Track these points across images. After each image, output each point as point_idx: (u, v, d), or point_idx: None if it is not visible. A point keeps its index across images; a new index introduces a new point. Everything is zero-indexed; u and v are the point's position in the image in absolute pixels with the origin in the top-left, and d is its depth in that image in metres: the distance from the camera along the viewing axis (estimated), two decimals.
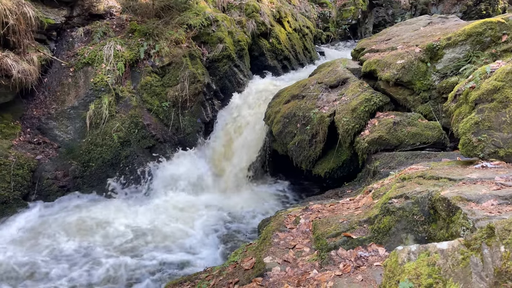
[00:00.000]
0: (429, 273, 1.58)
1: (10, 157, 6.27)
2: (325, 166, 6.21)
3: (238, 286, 3.21)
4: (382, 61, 6.10)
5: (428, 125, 5.39)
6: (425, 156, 5.06)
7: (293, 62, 10.33)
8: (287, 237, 3.66)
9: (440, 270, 1.55)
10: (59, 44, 7.70)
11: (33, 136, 6.88)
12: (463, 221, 2.44)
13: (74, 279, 4.89)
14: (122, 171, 7.14)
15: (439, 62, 5.60)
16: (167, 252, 5.43)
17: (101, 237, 5.78)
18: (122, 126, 7.16)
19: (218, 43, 8.37)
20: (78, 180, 6.97)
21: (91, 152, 7.01)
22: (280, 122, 6.71)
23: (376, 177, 5.03)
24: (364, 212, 3.47)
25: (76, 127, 7.10)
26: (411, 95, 5.79)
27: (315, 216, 3.92)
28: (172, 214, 6.44)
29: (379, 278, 2.68)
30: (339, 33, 14.06)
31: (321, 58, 11.60)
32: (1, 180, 6.12)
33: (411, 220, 2.96)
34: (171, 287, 3.97)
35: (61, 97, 7.22)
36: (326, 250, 3.17)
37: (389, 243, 3.01)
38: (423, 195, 2.96)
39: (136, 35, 7.86)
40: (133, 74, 7.66)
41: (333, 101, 6.20)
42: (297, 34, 11.10)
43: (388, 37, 7.10)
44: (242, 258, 3.81)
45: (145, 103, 7.58)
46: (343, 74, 6.66)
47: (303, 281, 2.93)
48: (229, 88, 8.57)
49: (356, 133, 5.74)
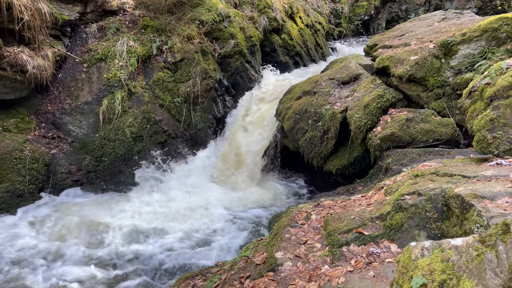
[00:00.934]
0: (443, 269, 1.57)
1: (25, 151, 6.38)
2: (337, 162, 6.19)
3: (250, 280, 3.23)
4: (395, 57, 6.05)
5: (442, 122, 5.34)
6: (438, 153, 5.02)
7: (305, 58, 10.30)
8: (299, 233, 3.66)
9: (454, 266, 1.54)
10: (73, 40, 7.79)
11: (47, 130, 6.99)
12: (477, 219, 2.41)
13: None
14: (134, 165, 7.22)
15: (454, 58, 5.53)
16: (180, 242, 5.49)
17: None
18: (135, 121, 7.23)
19: (230, 39, 8.38)
20: (91, 175, 7.06)
21: (104, 147, 7.10)
22: (292, 118, 6.70)
23: (388, 174, 5.01)
24: (376, 208, 3.46)
25: (89, 122, 7.19)
26: (425, 92, 5.73)
27: (326, 212, 3.91)
28: (182, 209, 6.49)
29: (391, 275, 2.68)
30: (351, 29, 13.95)
31: (333, 54, 11.54)
32: (17, 173, 6.23)
33: (424, 217, 2.95)
34: (183, 280, 4.01)
35: (75, 92, 7.32)
36: (338, 246, 3.17)
37: (401, 240, 3.00)
38: (437, 192, 2.93)
39: (149, 31, 7.91)
40: (145, 70, 7.72)
41: (345, 97, 6.17)
42: (309, 30, 11.06)
43: (402, 33, 7.03)
44: (254, 253, 3.83)
45: (157, 98, 7.63)
46: (355, 70, 6.61)
47: (315, 276, 2.94)
48: (240, 84, 8.59)
49: (368, 129, 5.71)
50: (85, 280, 4.79)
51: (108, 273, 4.93)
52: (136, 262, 5.11)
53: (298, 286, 2.88)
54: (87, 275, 4.86)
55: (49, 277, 4.80)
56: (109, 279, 4.83)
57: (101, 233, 5.68)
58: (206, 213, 6.34)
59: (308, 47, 10.58)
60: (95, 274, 4.90)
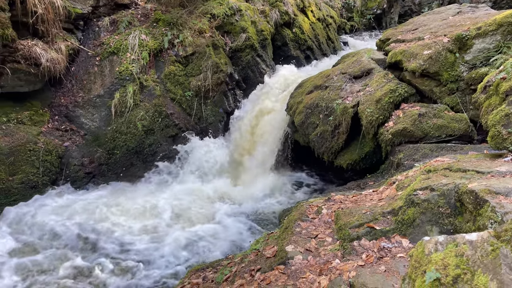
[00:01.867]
0: (457, 263, 1.56)
1: (39, 143, 6.47)
2: (348, 157, 6.16)
3: (260, 273, 3.25)
4: (408, 52, 5.98)
5: (455, 117, 5.28)
6: (450, 148, 4.96)
7: (316, 52, 10.23)
8: (309, 227, 3.67)
9: (469, 261, 1.53)
10: (86, 34, 7.85)
11: (61, 123, 7.07)
12: (491, 214, 2.39)
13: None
14: (145, 159, 7.28)
15: (468, 52, 5.44)
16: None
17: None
18: (146, 114, 7.27)
19: (241, 32, 8.36)
20: (103, 167, 7.13)
21: (116, 140, 7.16)
22: (303, 112, 6.68)
23: (400, 169, 4.97)
24: (388, 203, 3.44)
25: (101, 115, 7.25)
26: (438, 87, 5.66)
27: (337, 206, 3.91)
28: (194, 202, 6.54)
29: (402, 270, 2.67)
30: (363, 23, 13.81)
31: (345, 49, 11.45)
32: (31, 165, 6.33)
33: (437, 213, 2.93)
34: (193, 272, 4.05)
35: (88, 85, 7.38)
36: (349, 240, 3.17)
37: (413, 235, 2.98)
38: (450, 187, 2.91)
39: (160, 25, 7.93)
40: (157, 64, 7.75)
41: (357, 92, 6.13)
42: (321, 24, 10.98)
43: (415, 27, 6.94)
44: (264, 246, 3.85)
45: (169, 92, 7.67)
46: (367, 64, 6.56)
47: (325, 270, 2.95)
48: (251, 78, 8.57)
49: (380, 124, 5.67)
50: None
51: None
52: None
53: (309, 280, 2.89)
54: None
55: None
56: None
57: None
58: (213, 205, 6.39)
59: (320, 41, 10.51)
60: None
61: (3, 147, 6.11)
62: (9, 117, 6.48)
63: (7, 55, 6.27)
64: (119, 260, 5.06)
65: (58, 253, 5.12)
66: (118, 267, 4.92)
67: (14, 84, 6.43)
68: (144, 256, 5.14)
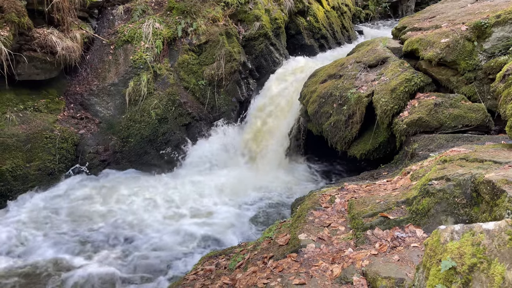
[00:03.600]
0: (473, 252, 1.55)
1: (55, 131, 6.57)
2: (361, 147, 6.12)
3: (273, 260, 3.27)
4: (424, 40, 5.87)
5: (472, 107, 5.18)
6: (467, 139, 4.89)
7: (331, 41, 10.12)
8: (322, 216, 3.67)
9: (485, 250, 1.52)
10: (100, 22, 7.89)
11: (76, 111, 7.16)
12: (509, 205, 2.36)
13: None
14: (159, 147, 7.34)
15: (487, 41, 5.32)
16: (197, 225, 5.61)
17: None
18: (160, 103, 7.31)
19: (254, 21, 8.31)
20: (118, 155, 7.22)
21: (130, 128, 7.23)
22: (316, 101, 6.64)
23: (414, 160, 4.92)
24: (402, 193, 3.42)
25: (116, 103, 7.32)
26: (455, 76, 5.56)
27: (350, 196, 3.90)
28: (206, 189, 6.59)
29: (416, 259, 2.66)
30: (379, 11, 13.58)
31: (360, 38, 11.29)
32: (47, 152, 6.44)
33: (452, 203, 2.90)
34: (206, 259, 4.09)
35: (102, 74, 7.44)
36: (362, 229, 3.16)
37: (428, 225, 2.96)
38: (466, 177, 2.87)
39: (174, 13, 7.93)
40: (170, 52, 7.76)
41: (371, 81, 6.06)
42: (335, 12, 10.83)
43: (432, 15, 6.80)
44: (277, 234, 3.87)
45: (182, 81, 7.68)
46: (382, 53, 6.46)
47: (338, 258, 2.95)
48: (264, 67, 8.53)
49: (395, 114, 5.60)
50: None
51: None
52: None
53: (321, 268, 2.90)
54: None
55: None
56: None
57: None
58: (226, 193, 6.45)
59: (334, 30, 10.38)
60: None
61: (20, 134, 6.22)
62: (26, 104, 6.58)
63: (24, 43, 6.35)
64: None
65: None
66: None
67: (30, 72, 6.52)
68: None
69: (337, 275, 2.76)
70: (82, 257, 4.86)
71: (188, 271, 4.11)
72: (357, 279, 2.64)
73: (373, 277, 2.54)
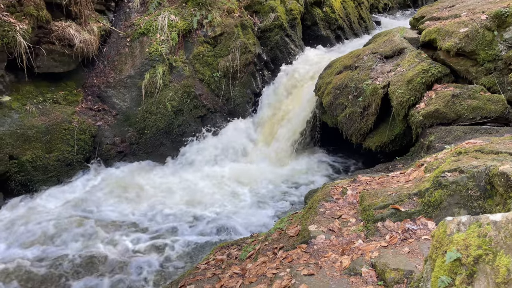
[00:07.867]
0: (479, 244, 1.52)
1: (73, 122, 6.70)
2: (377, 139, 6.04)
3: (283, 251, 3.28)
4: (443, 30, 5.72)
5: (491, 98, 5.04)
6: (485, 131, 4.77)
7: (347, 32, 9.97)
8: (333, 207, 3.65)
9: (491, 242, 1.49)
10: (117, 15, 7.97)
11: (93, 103, 7.28)
12: None
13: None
14: (175, 139, 7.41)
15: (508, 30, 5.16)
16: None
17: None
18: (175, 95, 7.37)
19: (270, 12, 8.25)
20: (134, 147, 7.33)
21: (146, 120, 7.32)
22: (331, 93, 6.57)
23: (430, 152, 4.83)
24: (415, 185, 3.37)
25: (132, 95, 7.41)
26: (474, 66, 5.41)
27: (362, 188, 3.87)
28: (222, 181, 6.63)
29: (426, 251, 2.63)
30: (397, 1, 13.30)
31: (377, 28, 11.09)
32: (66, 144, 6.58)
33: (465, 195, 2.84)
34: (219, 249, 4.14)
35: (119, 66, 7.53)
36: (373, 221, 3.14)
37: (440, 217, 2.91)
38: (480, 169, 2.81)
39: (189, 5, 7.94)
40: (186, 44, 7.80)
41: (387, 72, 5.96)
42: (352, 3, 10.65)
43: (452, 4, 6.62)
44: (288, 225, 3.87)
45: (197, 73, 7.72)
46: (399, 43, 6.34)
47: (348, 250, 2.94)
48: (280, 59, 8.48)
49: (411, 105, 5.50)
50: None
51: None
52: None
53: (331, 259, 2.90)
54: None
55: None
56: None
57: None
58: (241, 185, 6.47)
59: (351, 21, 10.22)
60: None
61: (40, 126, 6.37)
62: (45, 97, 6.73)
63: (42, 36, 6.48)
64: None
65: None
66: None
67: (49, 64, 6.65)
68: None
69: (346, 266, 2.75)
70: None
71: (200, 261, 4.16)
72: (366, 270, 2.63)
73: (382, 268, 2.52)
